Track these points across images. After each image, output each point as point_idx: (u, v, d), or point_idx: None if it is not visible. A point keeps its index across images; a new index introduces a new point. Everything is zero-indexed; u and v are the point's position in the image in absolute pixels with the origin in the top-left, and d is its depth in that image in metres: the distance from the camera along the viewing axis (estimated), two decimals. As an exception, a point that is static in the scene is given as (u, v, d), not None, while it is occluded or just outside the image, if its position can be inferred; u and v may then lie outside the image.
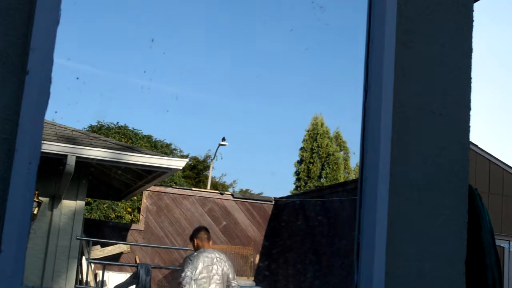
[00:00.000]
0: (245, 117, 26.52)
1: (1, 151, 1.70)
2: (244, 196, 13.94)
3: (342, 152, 21.08)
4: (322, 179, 20.62)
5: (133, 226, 12.32)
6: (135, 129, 17.48)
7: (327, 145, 20.70)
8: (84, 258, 9.46)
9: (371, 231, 2.01)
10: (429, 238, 2.10)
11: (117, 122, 17.47)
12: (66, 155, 7.60)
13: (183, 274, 5.48)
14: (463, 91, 2.24)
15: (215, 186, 22.07)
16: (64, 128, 8.89)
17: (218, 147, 20.95)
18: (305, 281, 12.07)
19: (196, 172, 22.85)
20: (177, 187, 13.41)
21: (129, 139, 16.64)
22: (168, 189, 12.80)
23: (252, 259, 12.68)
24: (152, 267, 11.56)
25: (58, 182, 8.15)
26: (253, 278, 12.34)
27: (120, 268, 11.00)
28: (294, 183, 21.29)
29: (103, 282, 9.11)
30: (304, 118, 21.64)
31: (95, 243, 10.36)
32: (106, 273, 9.81)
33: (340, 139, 21.35)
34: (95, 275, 10.35)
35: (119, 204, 14.35)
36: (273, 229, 13.22)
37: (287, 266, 12.75)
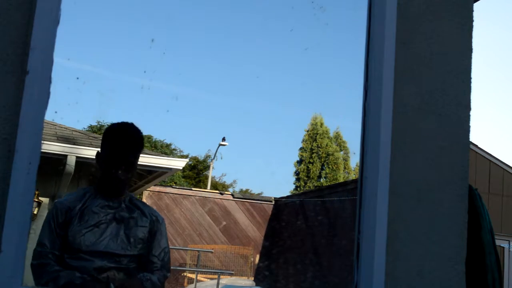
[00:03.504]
0: (245, 117, 26.54)
1: (1, 151, 1.69)
2: (244, 196, 13.95)
3: (342, 152, 21.08)
4: (321, 179, 20.63)
5: (133, 226, 12.29)
6: (135, 129, 17.45)
7: (326, 145, 20.70)
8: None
9: (371, 231, 2.00)
10: (429, 238, 2.10)
11: (117, 122, 17.44)
12: (66, 155, 7.60)
13: None
14: (463, 91, 2.23)
15: (215, 186, 22.08)
16: (64, 128, 8.89)
17: (218, 147, 20.97)
18: (305, 281, 12.06)
19: (196, 172, 22.86)
20: (177, 187, 13.41)
21: (129, 139, 16.60)
22: (168, 189, 12.79)
23: (252, 259, 12.67)
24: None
25: (58, 182, 8.15)
26: (253, 278, 12.33)
27: (120, 268, 10.99)
28: (294, 183, 21.31)
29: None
30: (304, 118, 21.66)
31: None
32: (106, 273, 9.78)
33: (340, 139, 21.35)
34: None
35: (119, 204, 14.32)
36: (273, 229, 13.22)
37: (287, 266, 12.74)
